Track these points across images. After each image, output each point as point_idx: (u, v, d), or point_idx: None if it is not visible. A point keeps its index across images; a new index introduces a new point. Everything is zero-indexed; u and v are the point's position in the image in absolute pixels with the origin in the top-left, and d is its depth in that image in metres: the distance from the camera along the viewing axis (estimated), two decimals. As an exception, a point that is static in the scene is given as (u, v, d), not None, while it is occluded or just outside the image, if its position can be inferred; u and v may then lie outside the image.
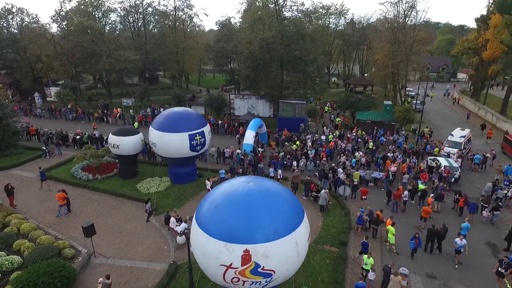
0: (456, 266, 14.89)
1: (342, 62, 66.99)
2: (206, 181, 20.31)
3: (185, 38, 46.07)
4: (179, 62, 46.70)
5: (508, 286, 13.13)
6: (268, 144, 29.52)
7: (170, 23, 46.29)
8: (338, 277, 13.58)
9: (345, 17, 60.58)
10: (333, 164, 23.40)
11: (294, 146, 27.16)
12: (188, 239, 12.16)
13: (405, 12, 40.17)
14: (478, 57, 49.10)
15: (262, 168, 22.60)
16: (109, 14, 44.24)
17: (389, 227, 15.76)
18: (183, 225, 16.08)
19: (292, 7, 34.08)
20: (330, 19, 59.26)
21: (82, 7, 41.80)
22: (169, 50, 45.30)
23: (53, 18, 44.66)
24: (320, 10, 55.82)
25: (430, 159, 25.23)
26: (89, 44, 39.14)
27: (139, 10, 45.08)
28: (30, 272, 12.13)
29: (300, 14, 36.29)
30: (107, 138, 28.27)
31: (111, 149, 22.23)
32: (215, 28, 53.26)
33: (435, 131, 35.71)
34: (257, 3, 38.16)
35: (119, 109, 38.45)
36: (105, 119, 37.50)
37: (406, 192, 19.46)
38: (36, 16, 53.42)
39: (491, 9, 46.20)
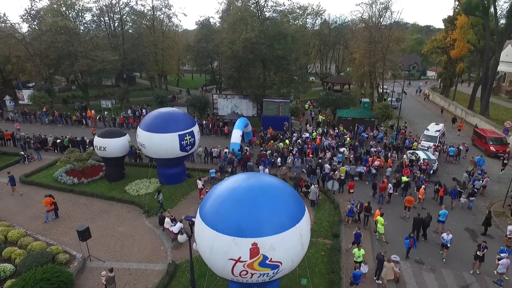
0: (444, 260, 15.22)
1: (319, 62, 68.50)
2: (198, 180, 20.34)
3: (164, 38, 45.50)
4: (159, 62, 46.07)
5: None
6: (250, 143, 29.77)
7: (148, 23, 45.53)
8: (334, 268, 14.14)
9: (321, 17, 62.04)
10: (320, 160, 24.07)
11: (281, 144, 27.62)
12: (189, 237, 12.31)
13: (380, 13, 41.90)
14: (446, 56, 51.97)
15: (251, 166, 22.92)
16: (84, 14, 42.88)
17: (378, 217, 16.55)
18: (179, 224, 16.14)
19: (273, 7, 34.57)
20: (307, 19, 60.49)
21: (55, 6, 40.28)
22: (148, 50, 44.56)
23: (23, 17, 42.76)
24: (297, 11, 56.91)
25: (409, 153, 26.55)
26: (64, 44, 37.79)
27: (116, 10, 44.02)
28: (26, 279, 11.79)
29: (276, 14, 36.81)
30: (90, 141, 27.71)
31: (97, 152, 21.75)
32: (194, 27, 53.11)
33: (410, 126, 37.53)
34: (237, 3, 38.44)
35: (92, 111, 37.36)
36: (84, 122, 36.39)
37: (390, 185, 20.42)
38: (4, 15, 50.75)
39: (457, 10, 49.00)
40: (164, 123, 19.95)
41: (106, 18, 45.22)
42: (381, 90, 46.00)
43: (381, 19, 41.44)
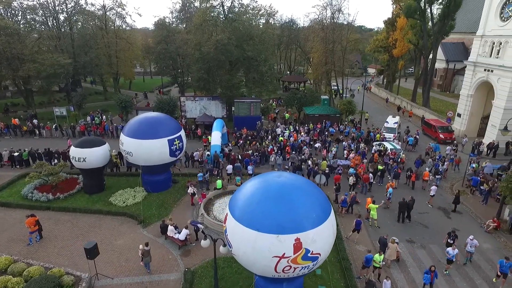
0: (447, 272, 14.71)
1: (274, 61, 70.33)
2: (189, 187, 19.92)
3: (117, 39, 43.02)
4: (113, 65, 43.44)
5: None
6: (232, 144, 29.93)
7: (99, 23, 42.64)
8: (343, 255, 15.17)
9: (273, 18, 63.63)
10: (303, 156, 25.13)
11: (281, 138, 28.90)
12: (215, 241, 12.29)
13: (333, 14, 44.63)
14: (388, 54, 57.17)
15: (239, 167, 23.10)
16: (25, 13, 38.65)
17: (371, 205, 18.02)
18: (185, 231, 15.88)
19: (237, 8, 34.82)
20: (261, 20, 61.62)
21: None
22: (101, 52, 41.75)
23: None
24: (251, 11, 57.78)
25: (376, 144, 28.96)
26: (5, 46, 33.80)
27: (63, 9, 40.45)
28: (39, 307, 10.78)
29: (231, 15, 36.91)
30: (55, 152, 25.42)
31: (74, 163, 20.15)
32: (151, 27, 50.84)
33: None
34: (195, 3, 37.90)
35: (35, 121, 34.04)
36: (37, 132, 32.96)
37: (371, 175, 22.20)
38: None
39: (395, 13, 54.17)
40: (153, 129, 19.26)
41: (52, 18, 41.23)
42: (336, 87, 48.94)
43: (335, 20, 44.17)
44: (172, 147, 19.69)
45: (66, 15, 42.42)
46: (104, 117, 36.35)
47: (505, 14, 28.81)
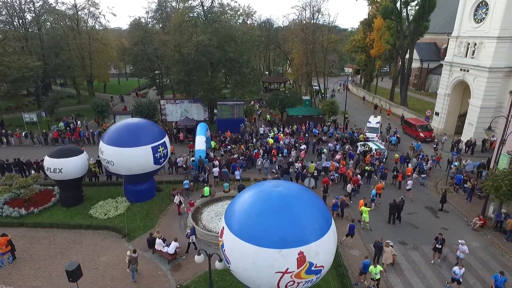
0: (448, 286, 14.08)
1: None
2: (176, 196, 19.03)
3: (91, 40, 41.01)
4: (86, 67, 41.37)
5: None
6: (216, 148, 29.16)
7: (71, 23, 40.45)
8: (338, 261, 14.89)
9: (252, 19, 63.29)
10: (291, 159, 24.76)
11: (271, 140, 28.47)
12: (209, 256, 11.63)
13: (312, 15, 44.77)
14: (365, 54, 58.18)
15: (227, 172, 22.41)
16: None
17: (363, 207, 17.90)
18: (174, 244, 15.09)
19: (216, 8, 34.07)
20: (239, 21, 61.00)
21: None
22: (73, 54, 39.62)
23: None
24: (229, 12, 57.05)
25: (360, 144, 29.11)
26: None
27: (30, 8, 38.00)
28: None
29: (211, 15, 36.17)
30: (25, 162, 23.68)
31: (49, 175, 18.73)
32: (125, 27, 48.91)
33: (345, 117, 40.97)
34: (171, 4, 36.76)
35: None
36: (4, 140, 30.68)
37: (359, 176, 22.18)
38: None
39: (371, 14, 55.21)
40: (135, 136, 18.22)
41: (17, 18, 38.64)
42: (318, 87, 49.16)
43: (314, 21, 44.32)
44: (156, 155, 18.74)
45: (33, 15, 39.90)
46: (78, 122, 34.45)
47: (478, 16, 29.80)
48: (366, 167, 23.41)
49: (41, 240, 16.66)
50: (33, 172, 22.97)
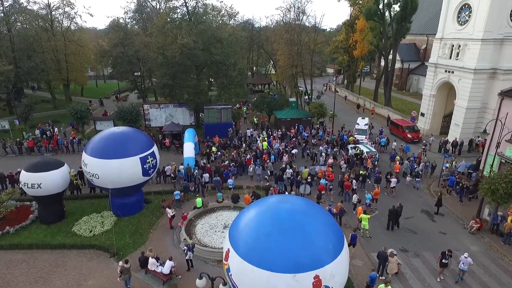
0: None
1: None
2: (167, 209, 17.92)
3: (66, 42, 38.84)
4: (62, 70, 39.14)
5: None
6: (202, 153, 28.10)
7: (44, 24, 38.12)
8: (343, 273, 14.33)
9: (234, 20, 62.22)
10: (283, 165, 24.08)
11: (265, 144, 27.81)
12: (212, 280, 10.75)
13: (297, 16, 44.43)
14: (348, 55, 58.56)
15: (219, 180, 21.44)
16: None
17: (362, 215, 17.48)
18: (169, 263, 14.07)
19: (201, 9, 32.98)
20: (220, 21, 59.86)
21: None
22: (48, 57, 37.35)
23: None
24: (211, 12, 55.86)
25: (351, 147, 28.84)
26: None
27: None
28: None
29: (193, 18, 35.02)
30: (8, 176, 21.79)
31: (27, 191, 17.20)
32: (102, 27, 46.78)
33: (330, 119, 40.72)
34: (151, 3, 35.31)
35: None
36: (-28, 151, 28.40)
37: (354, 181, 21.80)
38: None
39: (353, 15, 55.60)
40: (122, 146, 17.00)
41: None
42: (304, 88, 48.85)
43: (299, 22, 43.98)
44: (145, 166, 17.58)
45: (2, 15, 37.32)
46: (56, 129, 32.39)
47: (462, 18, 30.27)
48: (361, 171, 23.09)
49: (19, 264, 15.17)
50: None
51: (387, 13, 44.60)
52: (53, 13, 38.88)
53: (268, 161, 25.46)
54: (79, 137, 30.43)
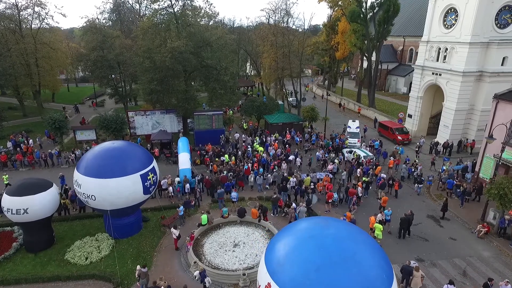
0: None
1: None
2: (172, 229, 16.48)
3: (37, 44, 35.84)
4: (33, 75, 36.09)
5: None
6: (194, 162, 26.74)
7: (11, 25, 34.92)
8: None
9: (214, 21, 60.60)
10: (285, 174, 23.22)
11: (261, 148, 27.63)
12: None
13: (282, 18, 43.90)
14: (329, 57, 58.89)
15: (222, 193, 20.19)
16: None
17: (376, 224, 17.04)
18: (184, 293, 12.77)
19: (188, 11, 31.49)
20: (201, 22, 58.12)
21: None
22: (16, 61, 34.24)
23: None
24: (188, 13, 54.10)
25: (347, 152, 28.56)
26: None
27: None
28: None
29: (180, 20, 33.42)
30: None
31: (11, 217, 15.19)
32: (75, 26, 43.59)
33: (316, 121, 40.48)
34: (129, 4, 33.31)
35: None
36: None
37: (359, 189, 21.40)
38: None
39: (334, 17, 55.91)
40: (120, 163, 15.45)
41: None
42: (291, 91, 48.45)
43: (285, 24, 43.46)
44: (146, 183, 16.12)
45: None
46: (31, 141, 29.61)
47: (448, 22, 30.88)
48: (364, 178, 22.77)
49: (8, 304, 13.32)
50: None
51: (370, 16, 45.25)
52: (21, 13, 35.72)
53: (274, 170, 24.53)
54: (58, 148, 27.96)
